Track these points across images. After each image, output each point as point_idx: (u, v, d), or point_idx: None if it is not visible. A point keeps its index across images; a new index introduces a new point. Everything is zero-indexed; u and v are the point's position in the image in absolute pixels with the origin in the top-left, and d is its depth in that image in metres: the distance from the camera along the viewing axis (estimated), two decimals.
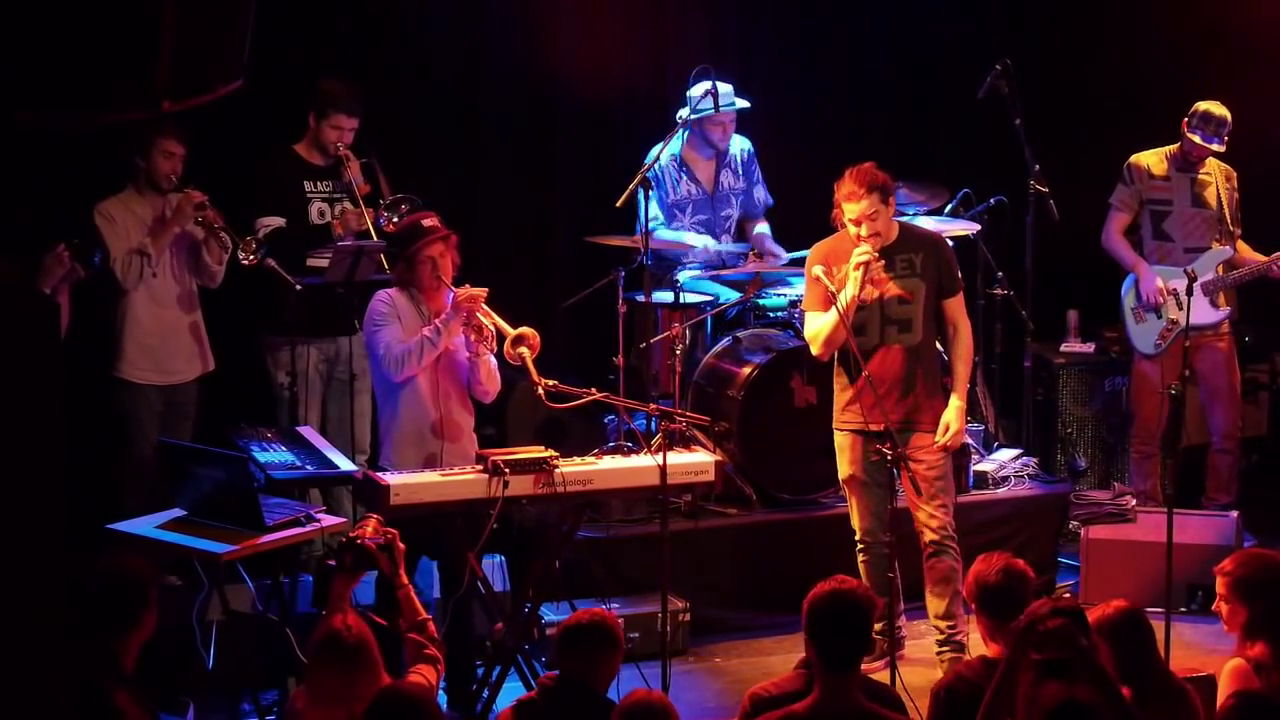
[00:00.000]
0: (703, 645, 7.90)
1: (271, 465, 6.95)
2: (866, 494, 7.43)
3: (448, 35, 9.38)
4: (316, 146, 8.29)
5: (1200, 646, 7.74)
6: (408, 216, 7.74)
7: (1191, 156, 8.88)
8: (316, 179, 8.31)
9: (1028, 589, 5.61)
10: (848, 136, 10.00)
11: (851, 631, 5.09)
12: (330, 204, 8.31)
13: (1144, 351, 8.96)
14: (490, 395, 7.26)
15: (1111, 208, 9.02)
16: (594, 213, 9.00)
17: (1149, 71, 10.11)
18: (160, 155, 7.83)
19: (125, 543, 6.58)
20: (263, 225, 8.17)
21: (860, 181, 7.24)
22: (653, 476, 6.85)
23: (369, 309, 7.17)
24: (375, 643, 5.17)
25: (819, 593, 5.18)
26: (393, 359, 7.00)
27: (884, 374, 7.32)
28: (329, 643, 5.12)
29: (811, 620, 5.13)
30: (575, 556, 7.75)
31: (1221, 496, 9.12)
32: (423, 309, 7.13)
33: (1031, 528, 8.58)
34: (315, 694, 5.13)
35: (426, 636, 5.58)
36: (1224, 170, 8.98)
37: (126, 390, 7.89)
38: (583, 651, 5.39)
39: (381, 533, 5.70)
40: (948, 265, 7.48)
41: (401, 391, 7.08)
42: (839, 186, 7.28)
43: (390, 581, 5.74)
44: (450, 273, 7.18)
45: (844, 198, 7.26)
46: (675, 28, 9.85)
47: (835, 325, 7.25)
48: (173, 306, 7.96)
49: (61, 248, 7.41)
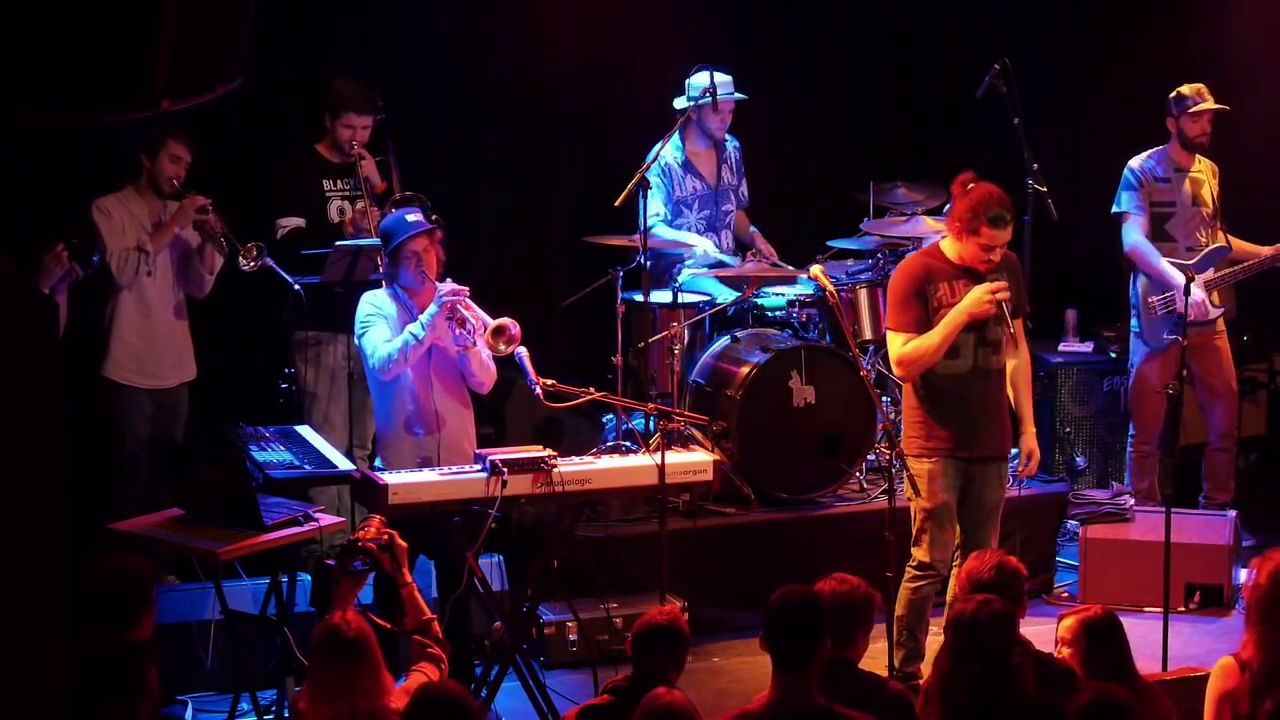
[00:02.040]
0: (701, 645, 7.89)
1: (269, 465, 6.96)
2: (950, 524, 7.12)
3: (447, 33, 9.40)
4: (334, 145, 8.34)
5: (1198, 646, 7.75)
6: (390, 209, 7.75)
7: (1197, 138, 8.92)
8: (336, 177, 8.35)
9: (1021, 586, 5.64)
10: (847, 136, 10.02)
11: (801, 631, 5.07)
12: (350, 202, 8.35)
13: (1155, 346, 8.95)
14: (485, 387, 7.26)
15: (1127, 215, 9.00)
16: (592, 212, 9.02)
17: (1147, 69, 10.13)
18: (167, 158, 7.84)
19: (124, 542, 6.59)
20: (281, 226, 8.20)
21: (1010, 209, 6.93)
22: (651, 476, 6.86)
23: (357, 311, 7.17)
24: (375, 639, 5.19)
25: (777, 593, 5.19)
26: (380, 359, 7.02)
27: (981, 399, 7.05)
28: (328, 638, 5.13)
29: (765, 619, 5.15)
30: (574, 556, 7.77)
31: (1219, 495, 9.14)
32: (411, 307, 7.14)
33: (1030, 527, 8.59)
34: (316, 691, 5.14)
35: (431, 636, 5.60)
36: (1210, 166, 9.06)
37: (114, 391, 7.89)
38: (660, 651, 5.40)
39: (382, 532, 5.72)
40: (1021, 285, 7.22)
41: (394, 389, 7.10)
42: (981, 207, 6.86)
43: (393, 581, 5.77)
44: (435, 268, 7.14)
45: (989, 222, 6.87)
46: (673, 26, 9.87)
47: (939, 348, 6.95)
48: (161, 311, 7.94)
49: (60, 247, 7.43)
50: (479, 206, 9.55)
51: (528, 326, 7.04)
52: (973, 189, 6.95)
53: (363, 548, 5.66)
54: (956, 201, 7.00)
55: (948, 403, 7.03)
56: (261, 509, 6.52)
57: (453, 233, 8.03)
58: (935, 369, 6.99)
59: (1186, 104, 8.91)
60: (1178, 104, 8.95)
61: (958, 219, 6.96)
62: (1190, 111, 8.89)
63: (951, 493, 7.05)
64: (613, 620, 7.64)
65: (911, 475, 7.01)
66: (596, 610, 7.68)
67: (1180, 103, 8.94)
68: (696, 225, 9.08)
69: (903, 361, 7.02)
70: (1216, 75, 9.19)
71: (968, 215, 6.91)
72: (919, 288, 7.00)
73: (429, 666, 5.47)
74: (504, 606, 7.23)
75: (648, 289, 8.36)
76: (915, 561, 7.11)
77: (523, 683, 6.93)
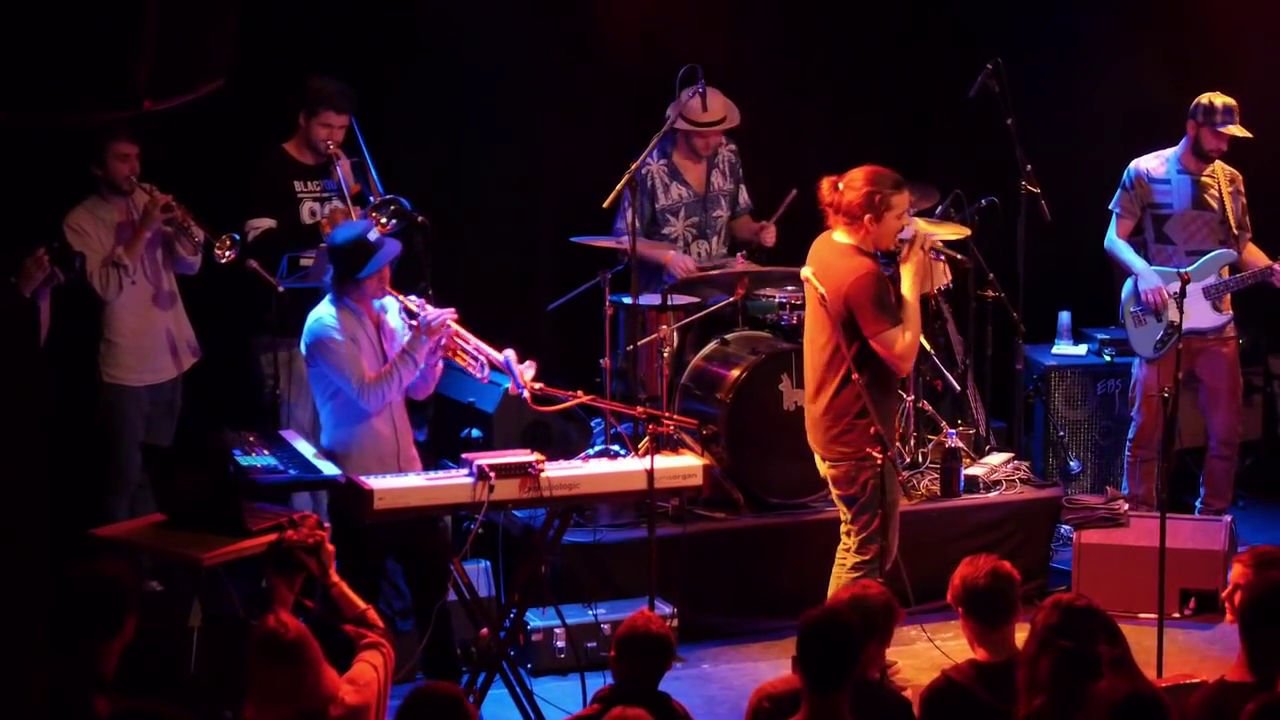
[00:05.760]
0: (690, 651, 7.90)
1: (253, 469, 6.96)
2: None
3: (431, 31, 9.39)
4: (307, 145, 8.31)
5: (1194, 652, 7.77)
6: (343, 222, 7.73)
7: (1213, 152, 8.87)
8: (307, 178, 8.33)
9: (1015, 592, 5.65)
10: (835, 137, 10.02)
11: (836, 655, 5.07)
12: (321, 203, 8.33)
13: (1143, 355, 8.99)
14: (428, 394, 7.28)
15: (1113, 214, 9.05)
16: (580, 213, 9.01)
17: (1146, 70, 10.14)
18: (115, 160, 7.85)
19: (106, 547, 6.58)
20: (253, 227, 8.19)
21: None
22: (640, 481, 6.87)
23: (316, 337, 7.01)
24: (312, 636, 5.18)
25: (811, 614, 5.19)
26: (368, 391, 6.95)
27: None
28: (266, 642, 5.12)
29: (799, 641, 5.15)
30: (561, 561, 7.77)
31: (1216, 502, 9.14)
32: (364, 319, 7.10)
33: (1023, 532, 8.61)
34: (261, 696, 5.13)
35: (368, 625, 5.59)
36: (1228, 172, 8.98)
37: (115, 393, 7.93)
38: (642, 658, 5.41)
39: (311, 533, 5.70)
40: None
41: (356, 415, 7.05)
42: (878, 182, 7.12)
43: (321, 583, 5.75)
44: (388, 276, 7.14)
45: (895, 187, 7.14)
46: (663, 24, 9.86)
47: (919, 328, 7.25)
48: (154, 306, 8.03)
49: (41, 251, 7.45)
50: (464, 207, 9.54)
51: (514, 329, 7.06)
52: (850, 178, 7.14)
53: (286, 549, 5.66)
54: (846, 196, 7.14)
55: (893, 394, 7.32)
56: (245, 514, 6.52)
57: (437, 234, 8.05)
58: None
59: (1214, 120, 8.78)
60: (1204, 115, 8.82)
61: (862, 209, 7.11)
62: (1216, 130, 8.84)
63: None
64: (601, 626, 7.64)
65: (881, 477, 7.06)
66: (584, 616, 7.68)
67: (1208, 115, 8.80)
68: (685, 233, 9.07)
69: (909, 354, 7.17)
70: (1218, 73, 9.19)
71: (871, 198, 7.10)
72: (886, 283, 7.16)
73: (372, 655, 5.46)
74: (490, 613, 7.23)
75: (636, 291, 8.37)
76: (862, 560, 7.24)
77: (510, 690, 6.93)
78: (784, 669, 6.83)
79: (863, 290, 7.09)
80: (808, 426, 7.35)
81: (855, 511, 7.24)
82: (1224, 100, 8.81)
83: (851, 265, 7.13)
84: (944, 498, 8.63)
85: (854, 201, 7.12)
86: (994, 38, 9.79)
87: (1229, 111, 8.80)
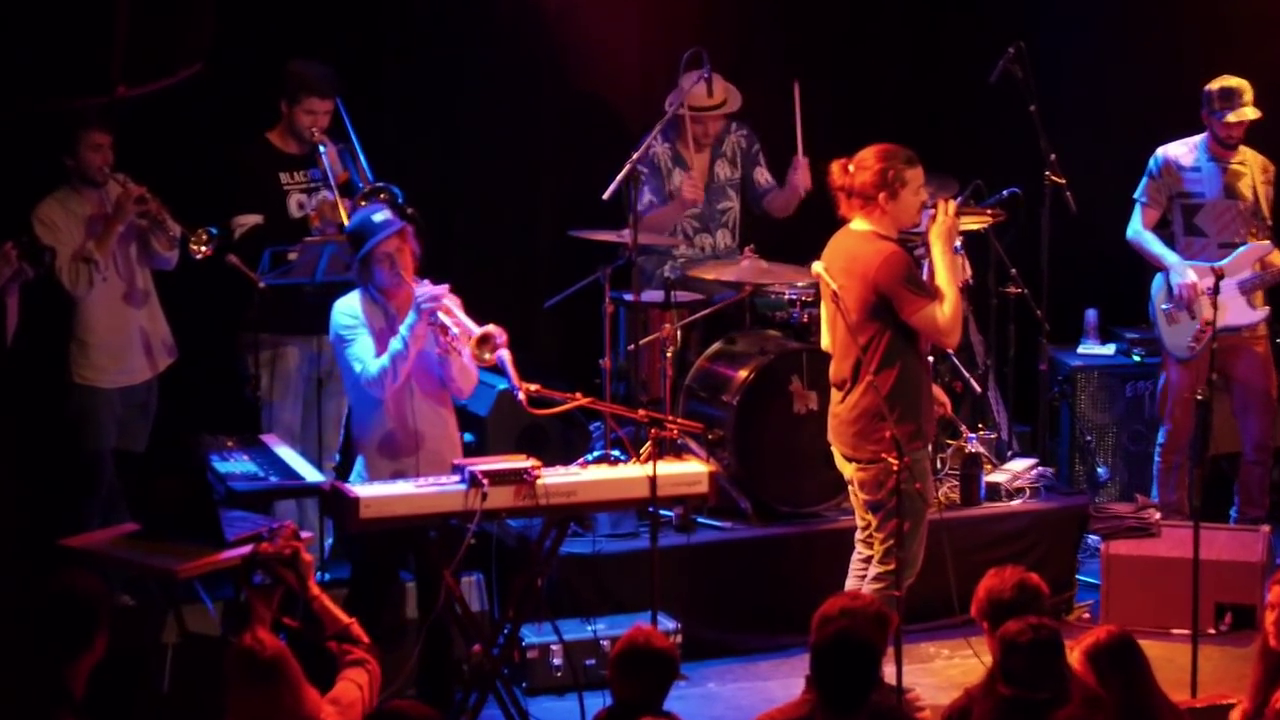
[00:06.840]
0: (696, 669, 7.90)
1: (232, 476, 6.95)
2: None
3: (429, 21, 9.39)
4: (291, 134, 8.28)
5: (1229, 671, 7.75)
6: (354, 209, 7.73)
7: (1228, 140, 8.87)
8: (293, 169, 8.31)
9: (1043, 605, 5.64)
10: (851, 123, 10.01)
11: (855, 674, 5.08)
12: (309, 195, 8.32)
13: (1177, 355, 8.97)
14: (465, 393, 7.25)
15: (1138, 203, 9.05)
16: (580, 206, 9.01)
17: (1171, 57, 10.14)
18: (88, 150, 7.80)
19: (77, 559, 6.58)
20: (239, 224, 8.18)
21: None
22: (642, 488, 6.86)
23: (332, 322, 7.11)
24: (291, 654, 5.18)
25: (829, 631, 5.17)
26: (372, 377, 6.96)
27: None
28: (243, 662, 5.13)
29: (815, 658, 5.13)
30: (558, 574, 7.77)
31: (1252, 510, 9.14)
32: (388, 309, 7.11)
33: (1048, 542, 8.60)
34: (238, 718, 5.14)
35: (352, 640, 5.58)
36: (1260, 161, 8.98)
37: (86, 395, 7.92)
38: (641, 677, 5.39)
39: (288, 545, 5.70)
40: None
41: (375, 401, 7.07)
42: (892, 157, 7.15)
43: (301, 597, 5.74)
44: (411, 266, 7.09)
45: (907, 163, 7.17)
46: (666, 13, 9.87)
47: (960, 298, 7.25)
48: (127, 304, 8.00)
49: (9, 245, 7.44)
50: (459, 198, 9.55)
51: (511, 327, 7.02)
52: (860, 158, 7.16)
53: (262, 561, 5.65)
54: (859, 177, 7.14)
55: (924, 384, 7.25)
56: (223, 523, 6.51)
57: (431, 227, 8.03)
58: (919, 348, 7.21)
59: (1214, 108, 8.81)
60: (1206, 104, 8.84)
61: (876, 187, 7.12)
62: (1217, 119, 8.84)
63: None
64: (600, 643, 7.63)
65: (912, 478, 7.00)
66: (583, 632, 7.68)
67: (1209, 104, 8.83)
68: (687, 226, 9.07)
69: (955, 326, 7.16)
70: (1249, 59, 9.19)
71: (885, 174, 7.11)
72: (912, 262, 7.19)
73: (355, 672, 5.46)
74: (483, 628, 7.23)
75: (638, 288, 8.36)
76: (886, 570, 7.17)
77: (503, 711, 6.93)
78: (795, 688, 6.80)
79: (892, 272, 7.07)
80: (832, 427, 7.31)
81: (882, 518, 7.20)
82: (1223, 85, 8.82)
83: (875, 249, 7.12)
84: (964, 506, 8.61)
85: (867, 181, 7.12)
86: (1013, 19, 9.80)
87: (1227, 96, 8.81)
